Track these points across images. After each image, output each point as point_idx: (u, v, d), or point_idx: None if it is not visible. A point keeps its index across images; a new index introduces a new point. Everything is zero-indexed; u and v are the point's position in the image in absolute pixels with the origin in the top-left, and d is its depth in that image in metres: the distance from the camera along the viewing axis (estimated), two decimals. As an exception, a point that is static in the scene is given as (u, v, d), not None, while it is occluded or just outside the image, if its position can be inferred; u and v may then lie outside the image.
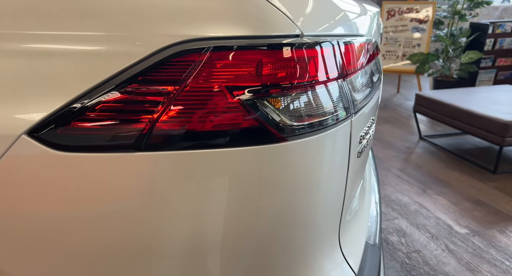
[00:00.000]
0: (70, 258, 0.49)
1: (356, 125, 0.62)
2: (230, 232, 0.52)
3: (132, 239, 0.49)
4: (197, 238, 0.51)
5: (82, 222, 0.48)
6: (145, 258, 0.50)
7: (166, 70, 0.47)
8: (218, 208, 0.50)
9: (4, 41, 0.47)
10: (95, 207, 0.47)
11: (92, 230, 0.48)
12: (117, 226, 0.48)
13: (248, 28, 0.50)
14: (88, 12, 0.48)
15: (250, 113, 0.49)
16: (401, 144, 3.30)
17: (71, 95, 0.45)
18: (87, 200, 0.47)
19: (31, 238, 0.48)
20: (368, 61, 0.72)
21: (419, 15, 4.48)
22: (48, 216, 0.47)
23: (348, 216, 0.71)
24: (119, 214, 0.48)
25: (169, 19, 0.49)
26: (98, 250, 0.49)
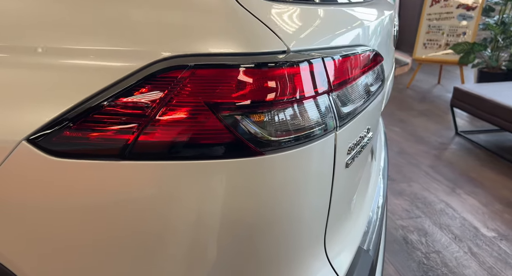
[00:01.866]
0: (65, 255, 0.56)
1: (342, 137, 0.63)
2: (212, 238, 0.56)
3: (115, 239, 0.55)
4: (179, 244, 0.56)
5: (74, 222, 0.54)
6: (127, 259, 0.56)
7: (152, 85, 0.52)
8: (198, 216, 0.55)
9: (6, 53, 0.53)
10: (83, 208, 0.53)
11: (82, 231, 0.54)
12: (105, 225, 0.54)
13: (233, 45, 0.53)
14: (78, 27, 0.53)
15: (229, 128, 0.52)
16: (434, 139, 3.18)
17: (65, 105, 0.51)
18: (76, 201, 0.53)
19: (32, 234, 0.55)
20: (364, 71, 0.72)
21: (467, 1, 4.19)
22: (45, 214, 0.54)
23: (337, 222, 0.73)
24: (104, 215, 0.54)
25: (157, 36, 0.53)
26: (88, 248, 0.56)
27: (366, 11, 0.87)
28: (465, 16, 4.22)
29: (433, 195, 2.36)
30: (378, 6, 0.98)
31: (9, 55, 0.54)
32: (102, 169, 0.52)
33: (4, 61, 0.53)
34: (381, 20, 0.91)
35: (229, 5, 0.55)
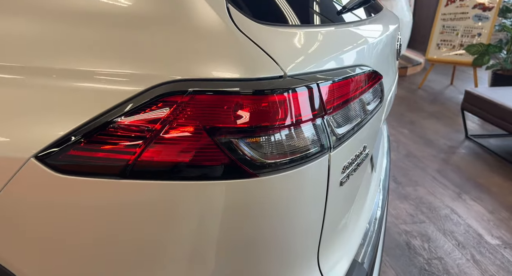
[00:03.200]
0: (67, 267, 0.60)
1: (336, 158, 0.65)
2: (208, 255, 0.59)
3: (114, 255, 0.58)
4: (175, 261, 0.59)
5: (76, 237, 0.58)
6: (124, 273, 0.59)
7: (153, 109, 0.54)
8: (194, 235, 0.58)
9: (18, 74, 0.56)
10: (85, 224, 0.57)
11: (83, 247, 0.58)
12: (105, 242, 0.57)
13: (232, 71, 0.55)
14: (86, 50, 0.56)
15: (225, 151, 0.55)
16: (443, 143, 3.15)
17: (71, 125, 0.54)
18: (79, 217, 0.56)
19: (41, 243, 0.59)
20: (361, 92, 0.73)
21: (484, 2, 4.10)
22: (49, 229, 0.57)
23: (331, 236, 0.75)
24: (105, 232, 0.57)
25: (158, 60, 0.55)
26: (87, 262, 0.59)
27: (368, 29, 0.87)
28: (481, 16, 4.14)
29: (439, 200, 2.35)
30: (382, 21, 0.99)
31: (21, 76, 0.57)
32: (104, 187, 0.55)
33: (16, 82, 0.57)
34: (383, 37, 0.92)
35: (229, 30, 0.57)
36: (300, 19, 0.70)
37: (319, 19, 0.74)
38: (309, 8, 0.74)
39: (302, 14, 0.72)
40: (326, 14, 0.78)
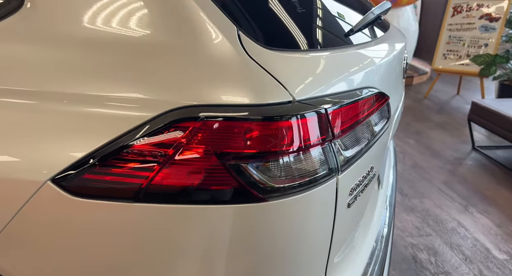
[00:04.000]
0: None
1: (344, 181, 0.66)
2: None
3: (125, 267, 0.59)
4: None
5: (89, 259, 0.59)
6: None
7: (165, 134, 0.56)
8: (203, 258, 0.59)
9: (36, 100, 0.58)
10: (99, 245, 0.58)
11: (96, 268, 0.59)
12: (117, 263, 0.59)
13: (242, 97, 0.57)
14: (102, 76, 0.58)
15: (234, 175, 0.56)
16: (450, 154, 3.14)
17: (87, 149, 0.56)
18: (93, 239, 0.58)
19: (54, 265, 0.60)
20: (368, 114, 0.74)
21: (491, 13, 4.10)
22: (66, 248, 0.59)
23: (338, 256, 0.75)
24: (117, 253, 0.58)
25: (171, 86, 0.57)
26: None
27: (375, 50, 0.88)
28: (488, 27, 4.13)
29: (445, 212, 2.34)
30: (389, 41, 1.00)
31: (37, 101, 0.59)
32: (118, 210, 0.56)
33: (31, 106, 0.58)
34: (390, 57, 0.93)
35: (240, 57, 0.58)
36: (309, 43, 0.71)
37: (327, 43, 0.76)
38: (317, 32, 0.75)
39: (311, 38, 0.73)
40: (334, 37, 0.79)
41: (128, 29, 0.60)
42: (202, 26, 0.59)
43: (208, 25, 0.59)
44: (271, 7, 0.69)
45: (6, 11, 0.60)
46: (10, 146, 0.57)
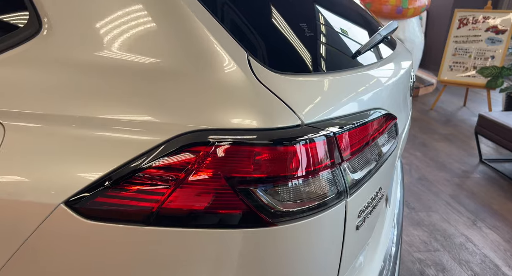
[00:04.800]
0: None
1: (353, 204, 0.66)
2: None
3: None
4: None
5: None
6: None
7: (176, 158, 0.57)
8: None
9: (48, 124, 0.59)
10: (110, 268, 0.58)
11: None
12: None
13: (251, 121, 0.58)
14: (110, 100, 0.59)
15: (244, 200, 0.56)
16: (457, 167, 3.11)
17: (100, 172, 0.57)
18: (104, 262, 0.58)
19: None
20: (376, 136, 0.74)
21: (497, 25, 4.10)
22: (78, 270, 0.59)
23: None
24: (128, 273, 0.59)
25: (181, 111, 0.58)
26: None
27: (383, 70, 0.89)
28: (494, 39, 4.14)
29: (453, 227, 2.31)
30: (395, 60, 1.00)
31: (52, 126, 0.60)
32: (129, 233, 0.57)
33: (48, 130, 0.60)
34: (398, 77, 0.94)
35: (250, 82, 0.59)
36: (316, 66, 0.72)
37: (335, 65, 0.77)
38: (325, 55, 0.76)
39: (318, 61, 0.74)
40: (342, 59, 0.80)
41: (140, 55, 0.61)
42: (213, 52, 0.60)
43: (219, 50, 0.60)
44: (279, 32, 0.71)
45: (24, 37, 0.62)
46: (25, 168, 0.58)
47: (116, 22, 0.61)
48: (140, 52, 0.61)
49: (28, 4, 0.62)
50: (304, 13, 0.80)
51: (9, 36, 0.63)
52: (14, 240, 0.59)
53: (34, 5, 0.62)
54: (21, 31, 0.63)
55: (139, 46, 0.61)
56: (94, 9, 0.61)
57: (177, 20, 0.61)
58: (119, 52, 0.61)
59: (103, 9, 0.61)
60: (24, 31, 0.63)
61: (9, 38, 0.63)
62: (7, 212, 0.58)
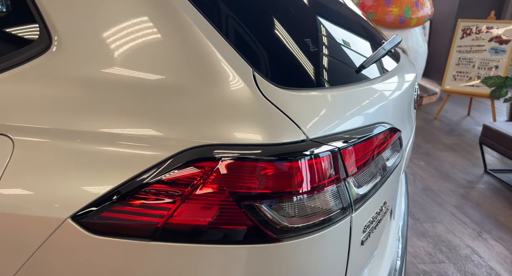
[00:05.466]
0: None
1: (358, 219, 0.66)
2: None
3: None
4: None
5: None
6: None
7: (182, 173, 0.57)
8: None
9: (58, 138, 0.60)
10: None
11: None
12: None
13: (257, 136, 0.58)
14: (117, 115, 0.60)
15: (249, 215, 0.57)
16: (461, 177, 3.09)
17: (106, 187, 0.57)
18: (110, 273, 0.58)
19: None
20: (381, 151, 0.74)
21: (501, 35, 4.11)
22: None
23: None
24: None
25: (186, 126, 0.58)
26: None
27: (387, 84, 0.89)
28: (498, 49, 4.14)
29: (458, 238, 2.29)
30: (399, 73, 1.01)
31: (59, 140, 0.61)
32: (135, 248, 0.57)
33: (55, 145, 0.60)
34: (402, 90, 0.94)
35: (255, 98, 0.60)
36: (321, 81, 0.73)
37: (339, 79, 0.77)
38: (329, 70, 0.77)
39: (323, 76, 0.75)
40: (346, 74, 0.81)
41: (146, 71, 0.62)
42: (219, 68, 0.61)
43: (225, 66, 0.61)
44: (284, 48, 0.71)
45: (34, 53, 0.63)
46: (33, 183, 0.59)
47: (123, 39, 0.62)
48: (147, 68, 0.62)
49: (39, 21, 0.63)
50: (308, 28, 0.81)
51: (20, 52, 0.64)
52: (21, 254, 0.59)
53: (44, 23, 0.63)
54: (31, 47, 0.64)
55: (146, 62, 0.62)
56: (102, 27, 0.63)
57: (183, 37, 0.62)
58: (125, 69, 0.62)
59: (110, 27, 0.63)
60: (34, 47, 0.64)
61: (20, 54, 0.64)
62: (15, 226, 0.59)
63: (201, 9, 0.64)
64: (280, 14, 0.77)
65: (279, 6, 0.79)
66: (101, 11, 0.62)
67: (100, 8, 0.62)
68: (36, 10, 0.63)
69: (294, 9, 0.82)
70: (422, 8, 4.68)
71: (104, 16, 0.63)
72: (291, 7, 0.81)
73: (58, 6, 0.62)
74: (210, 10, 0.65)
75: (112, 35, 0.62)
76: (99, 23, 0.62)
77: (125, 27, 0.62)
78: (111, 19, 0.63)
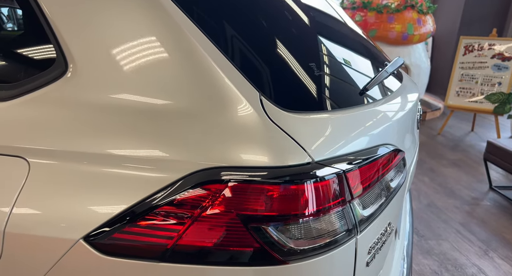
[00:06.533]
0: None
1: (363, 241, 0.67)
2: None
3: None
4: None
5: None
6: None
7: (190, 196, 0.58)
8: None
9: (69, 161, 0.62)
10: None
11: None
12: None
13: (263, 159, 0.60)
14: (125, 137, 0.62)
15: (256, 237, 0.58)
16: (466, 193, 3.08)
17: (116, 210, 0.59)
18: None
19: None
20: (385, 172, 0.76)
21: (503, 52, 4.15)
22: None
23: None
24: None
25: (194, 148, 0.60)
26: None
27: (391, 104, 0.91)
28: (500, 66, 4.17)
29: (464, 256, 2.27)
30: (402, 94, 1.03)
31: (72, 163, 0.63)
32: (145, 270, 0.58)
33: (68, 167, 0.62)
34: (405, 111, 0.96)
35: (262, 121, 0.62)
36: (325, 104, 0.75)
37: (343, 102, 0.79)
38: (334, 93, 0.79)
39: (327, 99, 0.77)
40: (350, 97, 0.83)
41: (156, 95, 0.64)
42: (227, 92, 0.63)
43: (233, 91, 0.63)
44: (290, 72, 0.74)
45: (50, 78, 0.66)
46: (47, 204, 0.61)
47: (134, 66, 0.65)
48: (157, 93, 0.64)
49: (57, 49, 0.66)
50: (313, 52, 0.83)
51: (37, 77, 0.67)
52: (34, 274, 0.60)
53: (62, 50, 0.66)
54: (48, 73, 0.67)
55: (156, 87, 0.64)
56: (114, 54, 0.65)
57: (192, 62, 0.64)
58: (135, 94, 0.64)
59: (122, 54, 0.65)
60: (50, 73, 0.67)
61: (37, 79, 0.67)
62: (29, 247, 0.60)
63: (209, 34, 0.66)
64: (285, 39, 0.79)
65: (284, 31, 0.81)
66: (114, 39, 0.65)
67: (113, 36, 0.65)
68: (54, 38, 0.66)
69: (298, 34, 0.84)
70: (424, 25, 4.74)
71: (117, 44, 0.65)
72: (295, 32, 0.84)
73: (76, 35, 0.65)
74: (217, 36, 0.68)
75: (124, 62, 0.65)
76: (111, 50, 0.65)
77: (136, 54, 0.65)
78: (124, 46, 0.65)
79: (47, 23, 0.66)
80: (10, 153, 0.63)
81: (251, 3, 0.79)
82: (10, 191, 0.61)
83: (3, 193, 0.61)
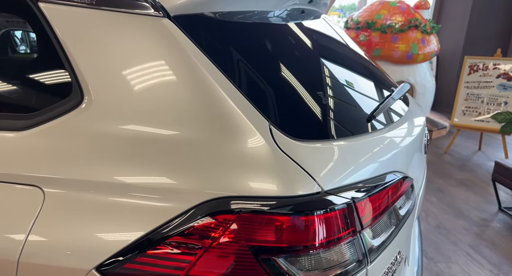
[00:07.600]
0: None
1: (373, 271, 0.67)
2: None
3: None
4: None
5: None
6: None
7: (201, 226, 0.59)
8: None
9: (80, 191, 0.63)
10: None
11: None
12: None
13: (274, 189, 0.60)
14: (134, 167, 0.63)
15: (266, 268, 0.58)
16: (475, 214, 3.03)
17: (128, 240, 0.59)
18: None
19: None
20: (395, 199, 0.76)
21: (508, 72, 4.16)
22: None
23: None
24: None
25: (205, 178, 0.61)
26: None
27: (398, 130, 0.92)
28: (506, 86, 4.18)
29: (475, 281, 2.21)
30: (409, 120, 1.04)
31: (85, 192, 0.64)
32: None
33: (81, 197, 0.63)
34: (413, 136, 0.96)
35: (272, 151, 0.63)
36: (334, 132, 0.76)
37: (352, 130, 0.80)
38: (342, 121, 0.80)
39: (336, 127, 0.78)
40: (358, 124, 0.84)
41: (167, 126, 0.65)
42: (237, 122, 0.64)
43: (243, 120, 0.65)
44: (298, 102, 0.75)
45: (65, 109, 0.68)
46: (60, 234, 0.62)
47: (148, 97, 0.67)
48: (169, 124, 0.65)
49: (74, 81, 0.69)
50: (320, 81, 0.85)
51: (52, 108, 0.69)
52: None
53: (79, 83, 0.68)
54: (63, 103, 0.69)
55: (168, 118, 0.65)
56: (127, 86, 0.67)
57: (204, 93, 0.66)
58: (145, 125, 0.65)
59: (135, 86, 0.67)
60: (66, 103, 0.69)
61: (53, 109, 0.69)
62: None
63: (219, 64, 0.68)
64: (293, 68, 0.81)
65: (292, 60, 0.83)
66: (127, 71, 0.67)
67: (126, 68, 0.67)
68: (71, 69, 0.68)
69: (305, 63, 0.86)
70: (429, 44, 4.79)
71: (130, 76, 0.67)
72: (303, 61, 0.86)
73: (92, 66, 0.68)
74: (227, 66, 0.69)
75: (136, 93, 0.67)
76: (124, 81, 0.67)
77: (148, 86, 0.67)
78: (137, 79, 0.67)
79: (64, 55, 0.68)
80: (26, 182, 0.65)
81: (260, 34, 0.81)
82: (25, 220, 0.62)
83: (18, 223, 0.63)
